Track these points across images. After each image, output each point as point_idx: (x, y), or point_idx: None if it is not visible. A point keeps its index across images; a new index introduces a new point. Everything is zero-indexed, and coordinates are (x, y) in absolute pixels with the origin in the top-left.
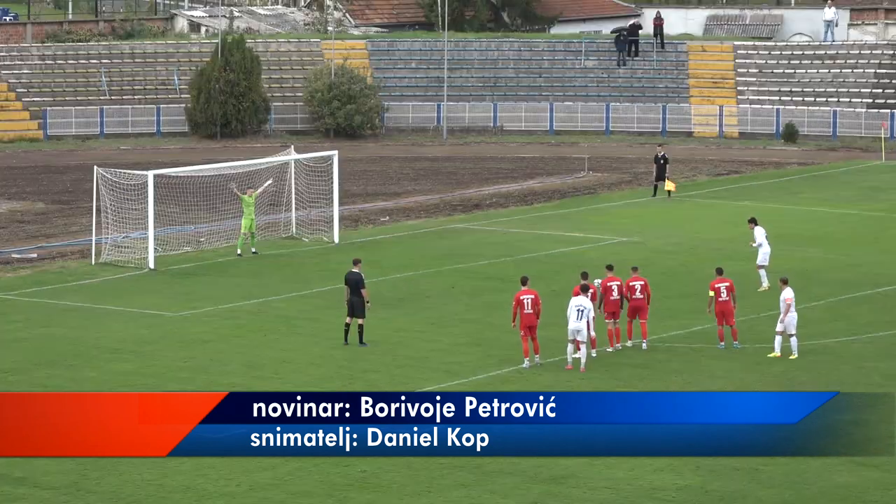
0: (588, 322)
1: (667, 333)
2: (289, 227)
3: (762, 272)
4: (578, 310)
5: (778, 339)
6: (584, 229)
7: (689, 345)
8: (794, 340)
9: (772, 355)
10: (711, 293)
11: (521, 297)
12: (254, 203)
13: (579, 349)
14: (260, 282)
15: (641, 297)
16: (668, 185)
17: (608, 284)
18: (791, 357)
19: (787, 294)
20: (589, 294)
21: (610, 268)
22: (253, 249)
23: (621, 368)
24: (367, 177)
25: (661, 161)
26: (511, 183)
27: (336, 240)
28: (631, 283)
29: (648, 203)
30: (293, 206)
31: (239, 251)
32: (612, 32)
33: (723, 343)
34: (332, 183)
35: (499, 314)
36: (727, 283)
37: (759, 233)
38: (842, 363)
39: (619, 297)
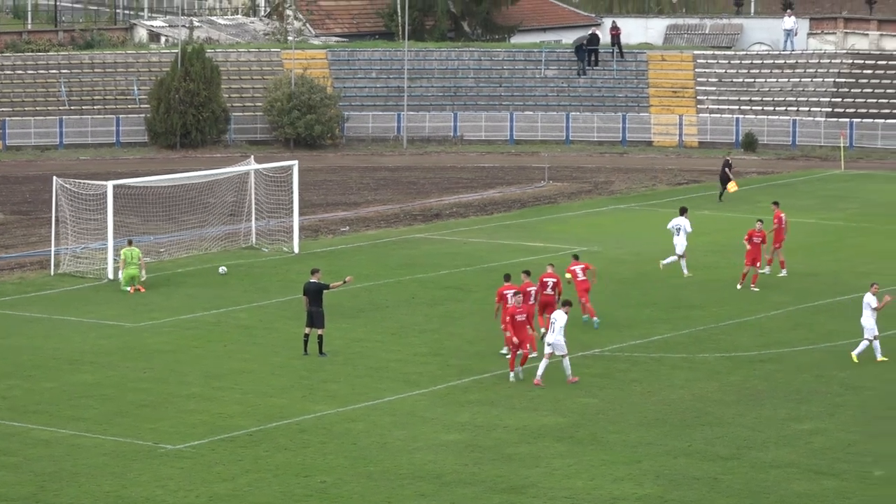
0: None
1: (626, 343)
2: (248, 237)
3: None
4: (551, 322)
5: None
6: (544, 239)
7: (648, 354)
8: (876, 343)
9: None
10: (568, 275)
11: (505, 292)
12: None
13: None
14: (219, 292)
15: (552, 293)
16: (732, 187)
17: (527, 289)
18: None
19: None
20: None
21: (507, 277)
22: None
23: (581, 377)
24: (327, 187)
25: (727, 166)
26: (471, 192)
27: (296, 250)
28: (543, 279)
29: (608, 212)
30: (253, 216)
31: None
32: (573, 42)
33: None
34: (291, 193)
35: (459, 324)
36: (583, 266)
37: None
38: (801, 372)
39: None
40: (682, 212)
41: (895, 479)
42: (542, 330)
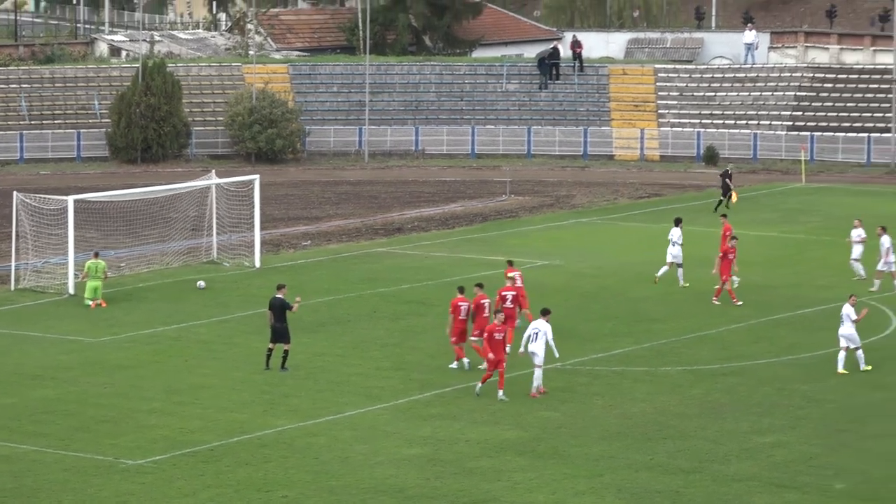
0: (548, 343)
1: (588, 356)
2: (210, 251)
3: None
4: (535, 332)
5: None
6: (506, 253)
7: (610, 368)
8: (859, 353)
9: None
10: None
11: (459, 304)
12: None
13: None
14: (180, 307)
15: (512, 306)
16: (734, 197)
17: (480, 302)
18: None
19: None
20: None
21: (461, 289)
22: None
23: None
24: (289, 201)
25: (727, 177)
26: (432, 207)
27: (257, 264)
28: (502, 293)
29: (570, 226)
30: (214, 230)
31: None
32: (536, 56)
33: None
34: (253, 207)
35: (420, 338)
36: (515, 292)
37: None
38: (763, 385)
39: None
40: (677, 223)
41: (856, 492)
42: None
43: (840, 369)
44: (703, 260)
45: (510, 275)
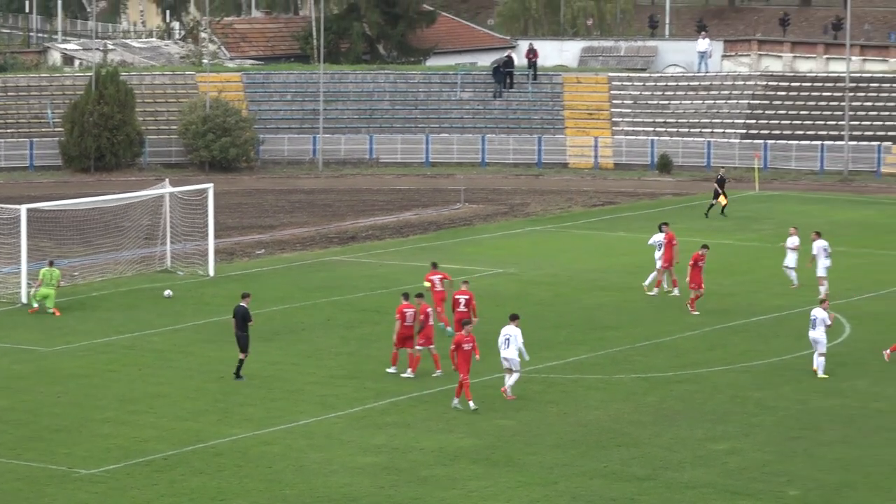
0: (519, 349)
1: (542, 364)
2: (163, 260)
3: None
4: (506, 338)
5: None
6: (460, 261)
7: (564, 375)
8: (821, 360)
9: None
10: (427, 284)
11: (405, 310)
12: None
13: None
14: (134, 316)
15: (465, 310)
16: (722, 200)
17: (403, 311)
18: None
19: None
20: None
21: (405, 296)
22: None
23: (496, 399)
24: (243, 210)
25: (721, 180)
26: (387, 215)
27: (211, 273)
28: (456, 297)
29: (524, 234)
30: (168, 239)
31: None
32: (491, 64)
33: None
34: (206, 216)
35: (375, 347)
36: (468, 296)
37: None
38: (717, 393)
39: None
40: (661, 228)
41: (810, 499)
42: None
43: (821, 374)
44: (651, 269)
45: (432, 278)
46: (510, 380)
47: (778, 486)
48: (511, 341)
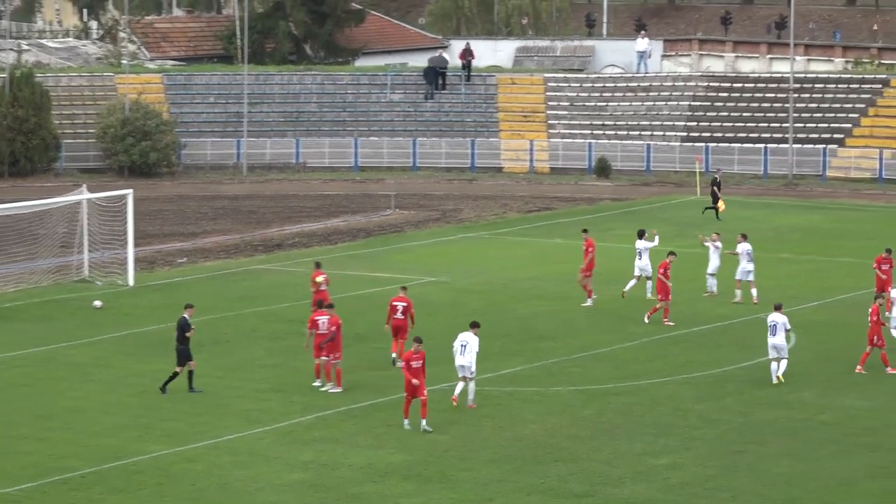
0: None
1: (477, 376)
2: (81, 269)
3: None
4: (462, 345)
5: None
6: (391, 269)
7: (499, 388)
8: (784, 364)
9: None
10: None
11: (317, 319)
12: None
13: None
14: (50, 327)
15: (402, 317)
16: (721, 205)
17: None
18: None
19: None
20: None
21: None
22: None
23: (431, 413)
24: (164, 216)
25: (715, 184)
26: (314, 222)
27: (131, 282)
28: (393, 303)
29: (457, 241)
30: (85, 247)
31: None
32: (428, 62)
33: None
34: (126, 223)
35: (302, 359)
36: (406, 303)
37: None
38: (657, 405)
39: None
40: (640, 235)
41: None
42: (394, 354)
43: (775, 380)
44: (611, 274)
45: (317, 279)
46: (467, 389)
47: (721, 503)
48: (468, 349)
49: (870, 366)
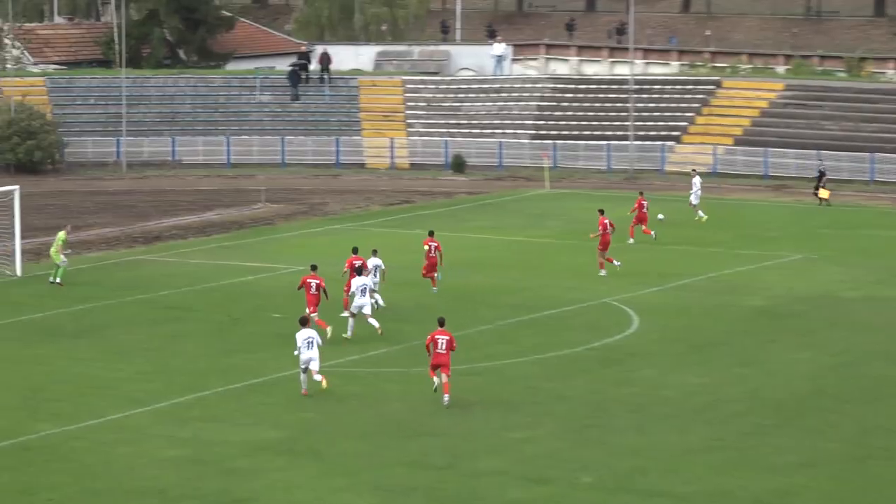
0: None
1: (343, 358)
2: None
3: None
4: (307, 341)
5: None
6: (262, 259)
7: (365, 369)
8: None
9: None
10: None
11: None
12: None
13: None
14: None
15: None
16: (823, 193)
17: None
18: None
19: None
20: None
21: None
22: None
23: (298, 392)
24: (49, 211)
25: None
26: (190, 215)
27: (18, 273)
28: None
29: (324, 233)
30: None
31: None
32: (289, 66)
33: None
34: (13, 217)
35: (182, 343)
36: (447, 337)
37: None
38: (510, 384)
39: None
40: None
41: (602, 484)
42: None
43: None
44: (454, 263)
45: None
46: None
47: (572, 473)
48: (313, 344)
49: (702, 346)
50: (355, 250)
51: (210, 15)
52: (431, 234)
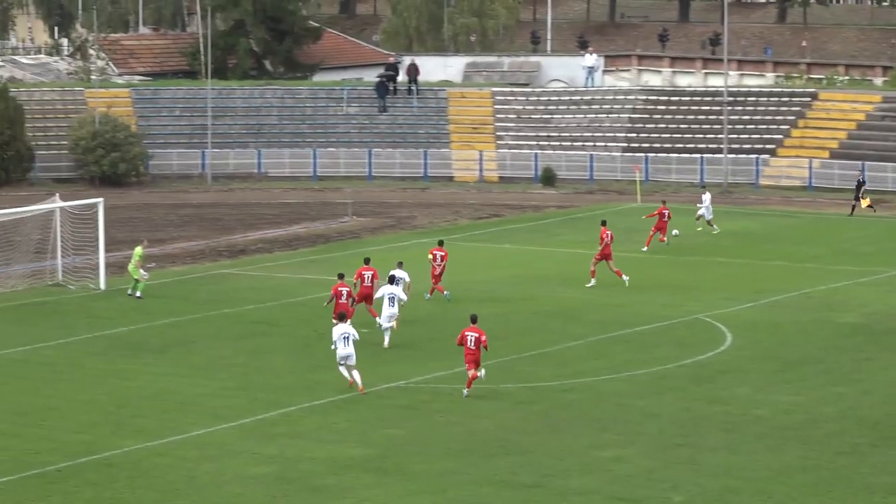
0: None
1: (430, 375)
2: (54, 274)
3: None
4: (344, 336)
5: None
6: (349, 273)
7: (452, 385)
8: None
9: None
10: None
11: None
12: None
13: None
14: (25, 330)
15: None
16: (864, 202)
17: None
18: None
19: None
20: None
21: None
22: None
23: (385, 409)
24: (133, 224)
25: (859, 183)
26: (276, 228)
27: (102, 286)
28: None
29: (411, 247)
30: (59, 253)
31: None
32: (376, 77)
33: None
34: (97, 230)
35: (266, 358)
36: (476, 334)
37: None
38: (602, 401)
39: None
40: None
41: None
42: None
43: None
44: (536, 280)
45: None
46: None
47: (663, 493)
48: (349, 339)
49: (796, 363)
50: (341, 276)
51: (297, 25)
52: (441, 243)
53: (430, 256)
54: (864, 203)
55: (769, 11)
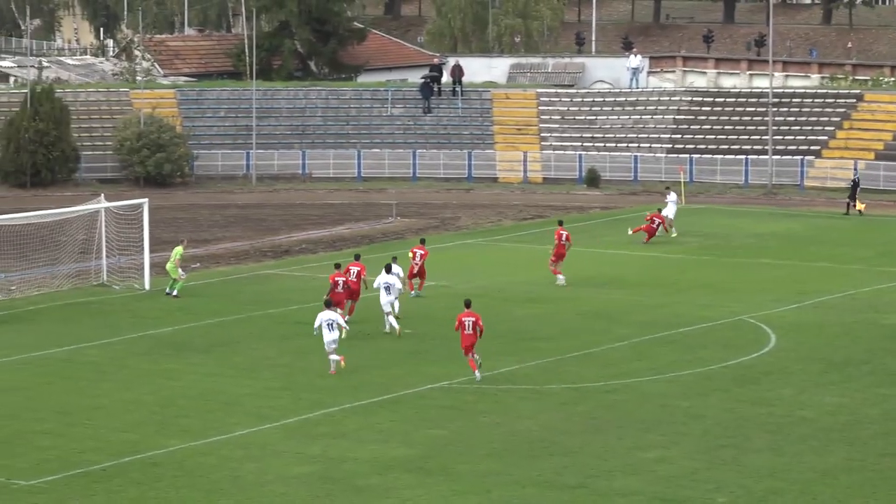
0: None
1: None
2: (99, 274)
3: None
4: (328, 323)
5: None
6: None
7: (496, 386)
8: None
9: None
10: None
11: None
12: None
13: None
14: (70, 329)
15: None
16: (859, 205)
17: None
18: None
19: None
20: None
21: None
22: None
23: (429, 409)
24: (178, 224)
25: (854, 183)
26: (320, 229)
27: (147, 287)
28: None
29: (455, 248)
30: (104, 253)
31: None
32: (421, 78)
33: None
34: (142, 230)
35: (309, 358)
36: (473, 318)
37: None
38: (646, 402)
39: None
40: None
41: None
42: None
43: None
44: (580, 282)
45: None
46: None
47: (706, 494)
48: (333, 325)
49: (841, 365)
50: (337, 266)
51: (341, 26)
52: (423, 241)
53: (410, 254)
54: (860, 205)
55: (814, 13)
